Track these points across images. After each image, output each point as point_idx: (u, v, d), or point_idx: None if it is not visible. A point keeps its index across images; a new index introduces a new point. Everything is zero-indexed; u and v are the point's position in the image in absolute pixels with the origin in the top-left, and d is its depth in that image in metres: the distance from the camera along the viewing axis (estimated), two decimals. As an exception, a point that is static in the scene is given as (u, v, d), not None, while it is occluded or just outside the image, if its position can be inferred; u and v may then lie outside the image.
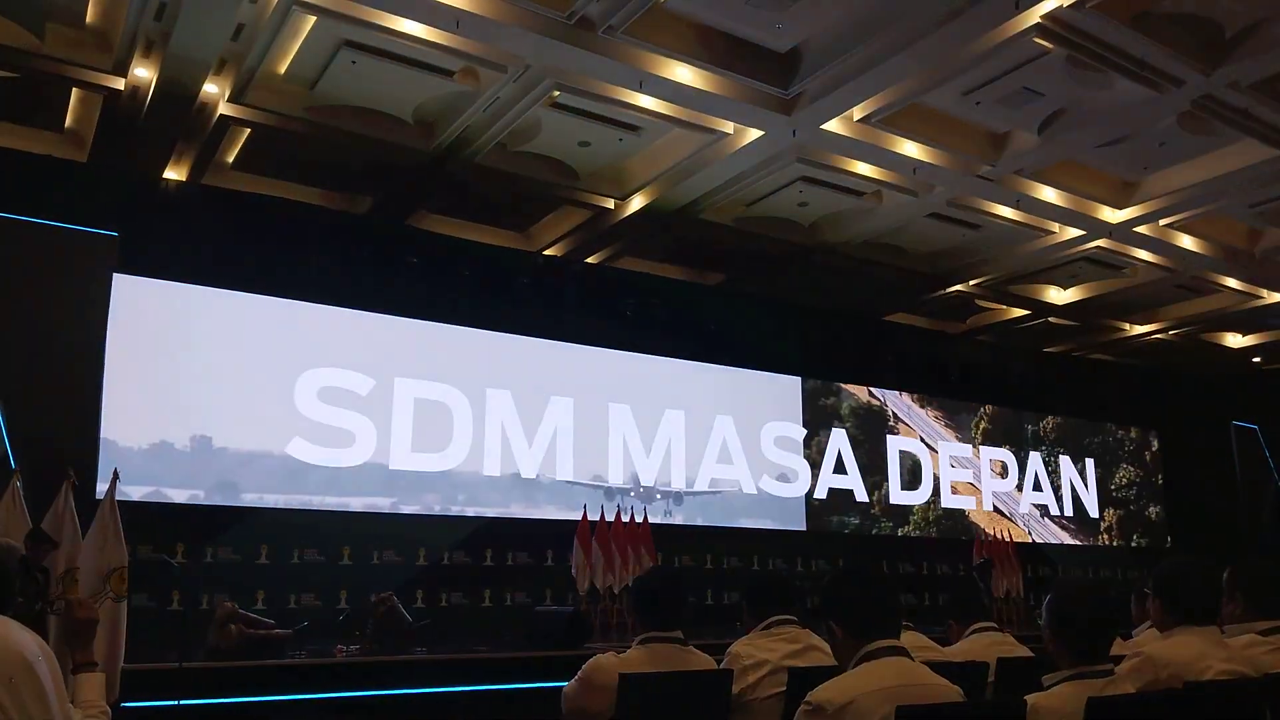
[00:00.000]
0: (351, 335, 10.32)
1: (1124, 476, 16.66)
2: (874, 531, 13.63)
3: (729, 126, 8.80)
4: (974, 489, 14.84)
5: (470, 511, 10.64)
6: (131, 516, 6.82)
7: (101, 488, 7.67)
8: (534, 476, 11.05)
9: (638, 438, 11.85)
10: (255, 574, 9.18)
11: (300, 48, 7.79)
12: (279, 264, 9.84)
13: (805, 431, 13.24)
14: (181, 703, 6.25)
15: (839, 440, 13.58)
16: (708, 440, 12.36)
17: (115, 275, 8.71)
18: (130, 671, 6.28)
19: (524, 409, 11.12)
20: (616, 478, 11.60)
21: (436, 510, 10.44)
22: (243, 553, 9.24)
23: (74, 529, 6.29)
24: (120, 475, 6.77)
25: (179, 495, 9.24)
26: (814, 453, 13.27)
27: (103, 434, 8.57)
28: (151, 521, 8.57)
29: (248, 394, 9.60)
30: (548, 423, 11.23)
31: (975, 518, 14.62)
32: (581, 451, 11.40)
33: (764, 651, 3.56)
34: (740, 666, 3.52)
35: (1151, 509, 16.77)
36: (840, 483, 13.46)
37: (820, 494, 13.17)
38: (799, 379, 13.39)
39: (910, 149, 9.07)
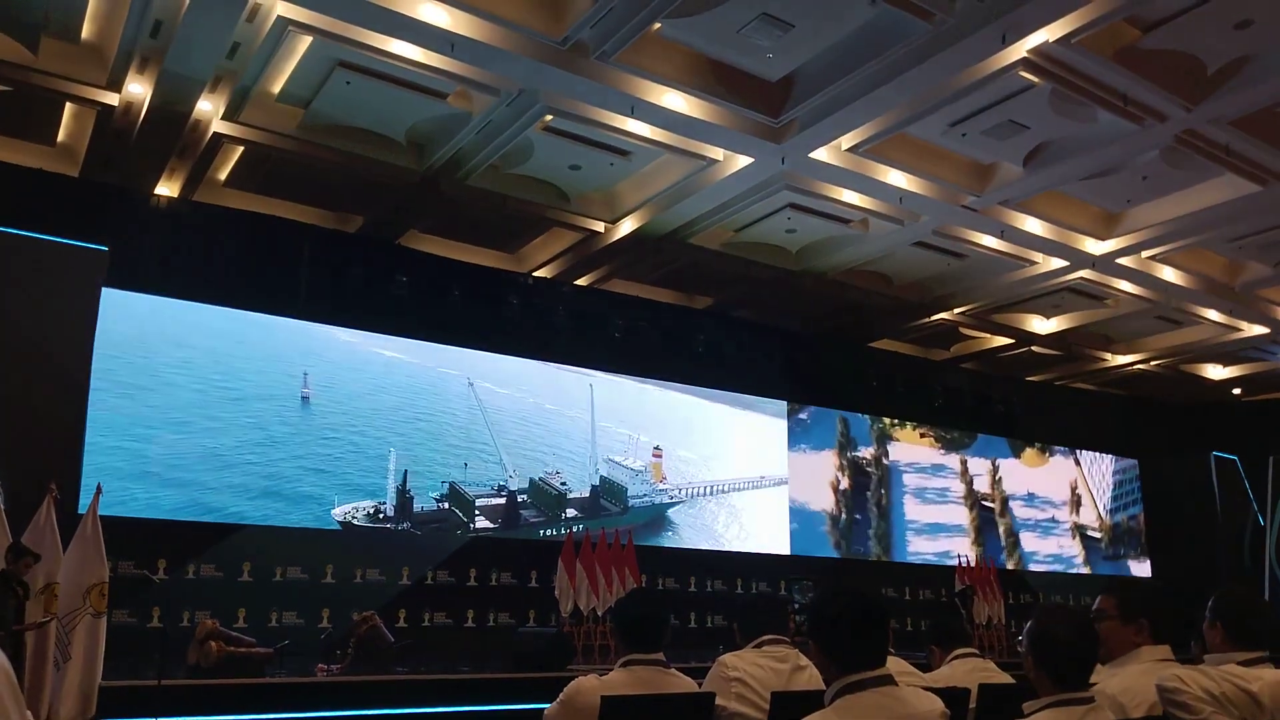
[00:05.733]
0: (345, 352, 10.33)
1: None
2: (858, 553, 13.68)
3: (719, 153, 8.89)
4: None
5: (455, 531, 10.63)
6: (113, 531, 6.76)
7: (84, 502, 7.61)
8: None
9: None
10: (237, 591, 9.12)
11: (295, 67, 7.85)
12: (269, 281, 9.84)
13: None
14: (160, 721, 6.19)
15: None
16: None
17: (104, 289, 8.69)
18: (109, 689, 6.23)
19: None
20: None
21: (421, 529, 10.43)
22: (225, 569, 9.18)
23: (54, 543, 6.23)
24: (103, 490, 6.73)
25: (161, 511, 9.17)
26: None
27: (86, 448, 8.52)
28: (133, 537, 8.51)
29: (235, 410, 9.58)
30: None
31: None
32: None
33: (751, 666, 3.59)
34: (726, 676, 3.55)
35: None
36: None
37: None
38: (784, 403, 13.47)
39: (897, 178, 9.18)
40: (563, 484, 11.51)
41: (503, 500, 11.05)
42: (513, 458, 11.20)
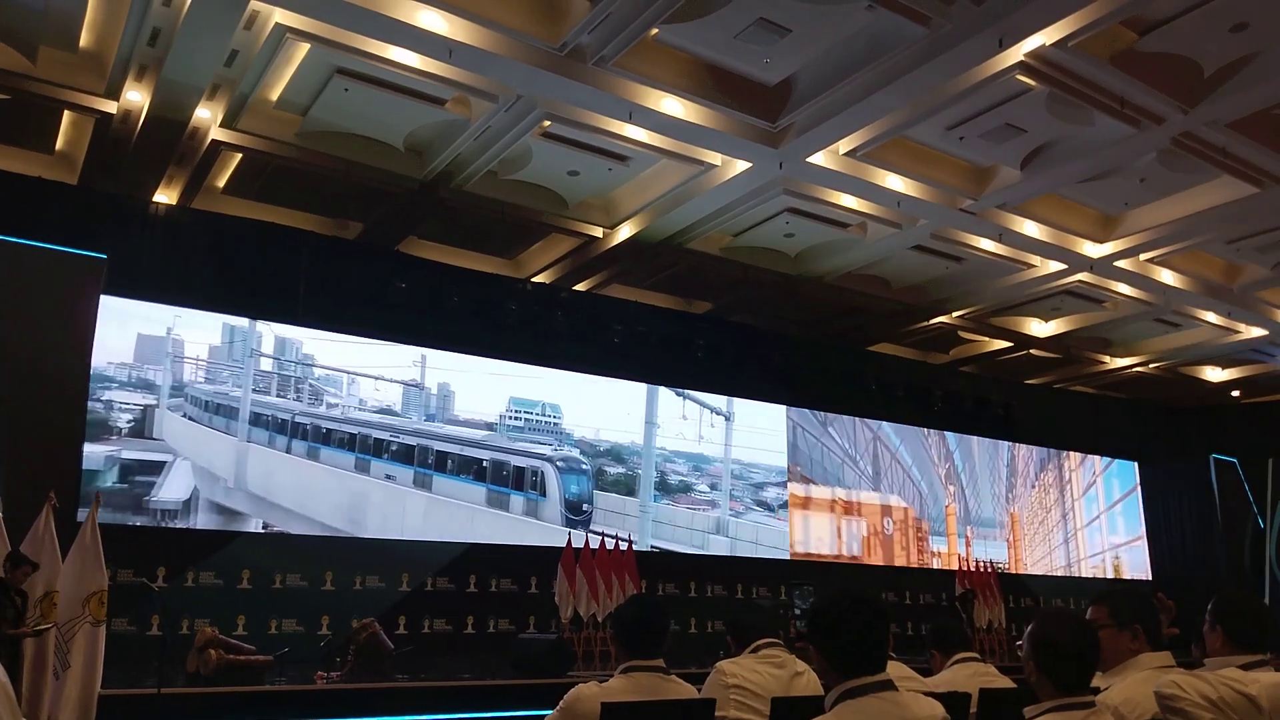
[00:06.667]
0: (340, 358, 10.33)
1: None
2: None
3: (717, 158, 8.90)
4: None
5: (454, 537, 10.62)
6: (112, 539, 6.75)
7: (83, 510, 7.60)
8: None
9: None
10: (236, 599, 9.11)
11: (293, 75, 7.86)
12: (268, 288, 9.83)
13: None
14: (159, 729, 6.18)
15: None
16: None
17: (103, 296, 8.69)
18: (108, 697, 6.21)
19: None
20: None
21: (420, 536, 10.42)
22: (224, 577, 9.17)
23: (54, 551, 6.22)
24: (102, 498, 6.73)
25: (160, 519, 9.16)
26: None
27: (86, 456, 8.51)
28: (132, 545, 8.51)
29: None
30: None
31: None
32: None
33: (750, 673, 3.59)
34: (725, 683, 3.55)
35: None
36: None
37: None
38: (784, 407, 13.47)
39: (895, 182, 9.18)
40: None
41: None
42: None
